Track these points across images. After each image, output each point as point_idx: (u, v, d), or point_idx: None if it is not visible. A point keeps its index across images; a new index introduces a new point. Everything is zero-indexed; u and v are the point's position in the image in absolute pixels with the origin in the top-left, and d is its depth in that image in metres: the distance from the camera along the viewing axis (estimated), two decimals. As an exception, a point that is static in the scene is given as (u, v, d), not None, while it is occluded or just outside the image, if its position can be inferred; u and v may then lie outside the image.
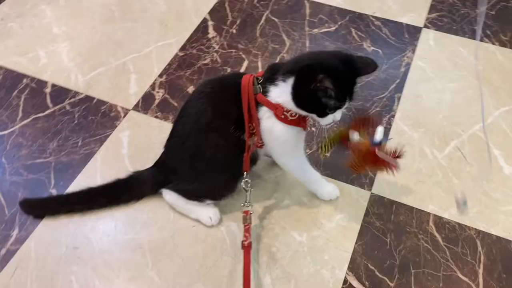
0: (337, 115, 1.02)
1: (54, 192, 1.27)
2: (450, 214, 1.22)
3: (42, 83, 1.52)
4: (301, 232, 1.20)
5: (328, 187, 1.24)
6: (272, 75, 1.03)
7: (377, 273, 1.12)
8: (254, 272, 1.12)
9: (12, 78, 1.53)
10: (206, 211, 1.20)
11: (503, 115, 1.42)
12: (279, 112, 1.02)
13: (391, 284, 1.10)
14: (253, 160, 1.17)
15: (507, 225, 1.20)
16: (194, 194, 1.18)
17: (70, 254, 1.15)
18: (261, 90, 1.03)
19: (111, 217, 1.21)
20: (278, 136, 1.06)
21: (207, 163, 1.10)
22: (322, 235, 1.19)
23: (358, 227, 1.20)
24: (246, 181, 1.13)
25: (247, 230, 1.09)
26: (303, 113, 1.02)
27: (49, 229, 1.20)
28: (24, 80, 1.53)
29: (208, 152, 1.09)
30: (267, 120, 1.04)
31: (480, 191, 1.27)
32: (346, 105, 1.01)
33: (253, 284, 1.09)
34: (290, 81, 0.99)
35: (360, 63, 0.99)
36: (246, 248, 1.07)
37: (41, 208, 1.25)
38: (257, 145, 1.11)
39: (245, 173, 1.13)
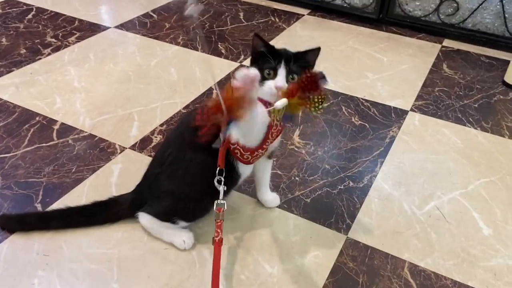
0: (279, 81, 1.04)
1: (39, 206, 1.31)
2: (426, 263, 1.20)
3: (52, 121, 1.65)
4: (273, 264, 1.18)
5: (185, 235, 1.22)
6: None
7: (346, 309, 1.08)
8: (219, 296, 1.09)
9: (27, 116, 1.67)
10: (180, 235, 1.21)
11: (483, 185, 1.46)
12: None
13: (360, 321, 1.05)
14: (235, 179, 1.18)
15: (485, 279, 1.17)
16: (166, 213, 1.19)
17: (39, 260, 1.15)
18: None
19: (87, 232, 1.23)
20: None
21: (181, 176, 1.15)
22: (293, 269, 1.17)
23: (331, 265, 1.18)
24: (219, 178, 1.10)
25: (219, 227, 1.07)
26: None
27: (25, 236, 1.21)
28: (37, 118, 1.67)
29: (182, 165, 1.14)
30: None
31: (459, 247, 1.25)
32: (283, 71, 1.05)
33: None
34: None
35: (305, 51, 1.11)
36: (217, 243, 1.06)
37: (18, 223, 1.25)
38: (242, 160, 1.12)
39: (218, 169, 1.10)
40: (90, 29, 2.33)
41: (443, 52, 2.27)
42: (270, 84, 1.05)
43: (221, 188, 1.10)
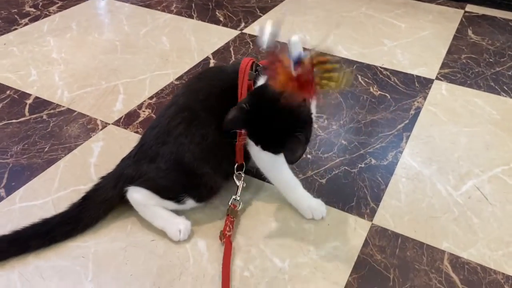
0: None
1: (2, 192, 1.09)
2: (470, 254, 0.99)
3: (25, 95, 1.43)
4: (284, 258, 0.96)
5: (311, 201, 1.04)
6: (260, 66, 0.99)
7: (376, 312, 0.87)
8: (217, 297, 0.88)
9: (-4, 90, 1.46)
10: (177, 222, 0.99)
11: (528, 160, 1.24)
12: None
13: (394, 327, 0.84)
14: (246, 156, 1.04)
15: (544, 272, 0.95)
16: (172, 188, 0.98)
17: None
18: (254, 77, 0.97)
19: (58, 222, 1.02)
20: None
21: (195, 146, 0.95)
22: (308, 263, 0.95)
23: (354, 258, 0.97)
24: (239, 173, 1.04)
25: (231, 223, 0.99)
26: None
27: (-17, 228, 1.00)
28: (8, 92, 1.45)
29: (197, 133, 0.95)
30: None
31: (507, 233, 1.04)
32: None
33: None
34: None
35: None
36: (227, 238, 0.94)
37: None
38: None
39: (236, 164, 1.01)
40: (74, -2, 2.10)
41: (467, 18, 2.03)
42: None
43: (240, 184, 1.02)
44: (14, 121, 1.33)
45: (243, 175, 1.05)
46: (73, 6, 2.03)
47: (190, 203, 1.00)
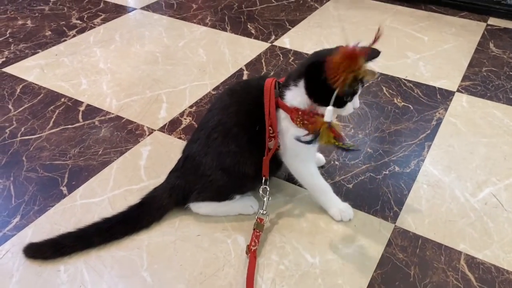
0: (355, 102, 1.03)
1: (64, 190, 1.24)
2: (485, 255, 1.08)
3: (78, 103, 1.58)
4: (314, 254, 1.08)
5: (340, 205, 1.16)
6: (286, 81, 1.08)
7: (398, 304, 0.98)
8: (257, 287, 1.00)
9: (52, 97, 1.61)
10: (245, 203, 1.17)
11: (543, 171, 1.33)
12: (294, 115, 1.04)
13: (414, 317, 0.95)
14: (278, 164, 1.16)
15: (553, 273, 1.04)
16: (223, 191, 1.12)
17: (65, 246, 1.08)
18: (280, 94, 1.07)
19: (114, 218, 1.15)
20: (290, 138, 1.07)
21: (233, 153, 1.08)
22: (337, 260, 1.07)
23: (379, 256, 1.08)
24: (265, 188, 1.12)
25: (257, 237, 1.07)
26: (324, 109, 1.00)
27: (50, 221, 1.15)
28: (62, 99, 1.60)
29: (232, 144, 1.07)
30: (283, 121, 1.07)
31: (519, 237, 1.13)
32: (360, 90, 1.03)
33: (255, 297, 0.97)
34: (301, 83, 1.03)
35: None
36: (253, 253, 1.03)
37: (53, 249, 1.06)
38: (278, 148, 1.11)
39: (263, 178, 1.11)
40: (116, 10, 2.26)
41: (489, 31, 2.12)
42: (350, 107, 1.04)
43: (266, 199, 1.11)
44: (70, 126, 1.47)
45: (268, 189, 1.13)
46: (116, 18, 2.18)
47: (237, 196, 1.14)
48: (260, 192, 1.13)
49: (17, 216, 1.16)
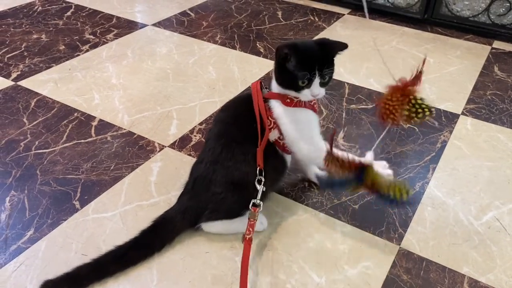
0: (314, 89, 1.08)
1: (77, 204, 1.27)
2: (488, 279, 1.11)
3: (90, 117, 1.62)
4: (320, 274, 1.10)
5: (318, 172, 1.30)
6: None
7: (402, 326, 1.00)
8: (264, 305, 1.03)
9: (66, 111, 1.65)
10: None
11: (546, 196, 1.35)
12: (284, 98, 1.13)
13: None
14: (281, 170, 1.23)
15: (555, 299, 1.06)
16: (236, 208, 1.15)
17: (77, 259, 1.11)
18: (268, 89, 1.18)
19: (126, 234, 1.18)
20: (290, 120, 1.14)
21: (240, 164, 1.12)
22: (342, 280, 1.09)
23: (383, 277, 1.10)
24: (260, 178, 1.13)
25: (251, 226, 1.10)
26: (285, 92, 1.12)
27: (63, 235, 1.18)
28: (76, 114, 1.64)
29: (238, 153, 1.12)
30: (278, 109, 1.15)
31: (522, 262, 1.15)
32: (318, 78, 1.07)
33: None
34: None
35: (331, 43, 1.10)
36: (247, 241, 1.07)
37: (71, 283, 1.05)
38: (282, 149, 1.17)
39: (258, 168, 1.13)
40: (128, 26, 2.31)
41: (494, 54, 2.15)
42: (307, 93, 1.10)
43: (260, 188, 1.13)
44: (82, 141, 1.51)
45: (263, 179, 1.13)
46: (128, 34, 2.24)
47: (247, 213, 1.14)
48: (255, 182, 1.13)
49: (31, 229, 1.19)
